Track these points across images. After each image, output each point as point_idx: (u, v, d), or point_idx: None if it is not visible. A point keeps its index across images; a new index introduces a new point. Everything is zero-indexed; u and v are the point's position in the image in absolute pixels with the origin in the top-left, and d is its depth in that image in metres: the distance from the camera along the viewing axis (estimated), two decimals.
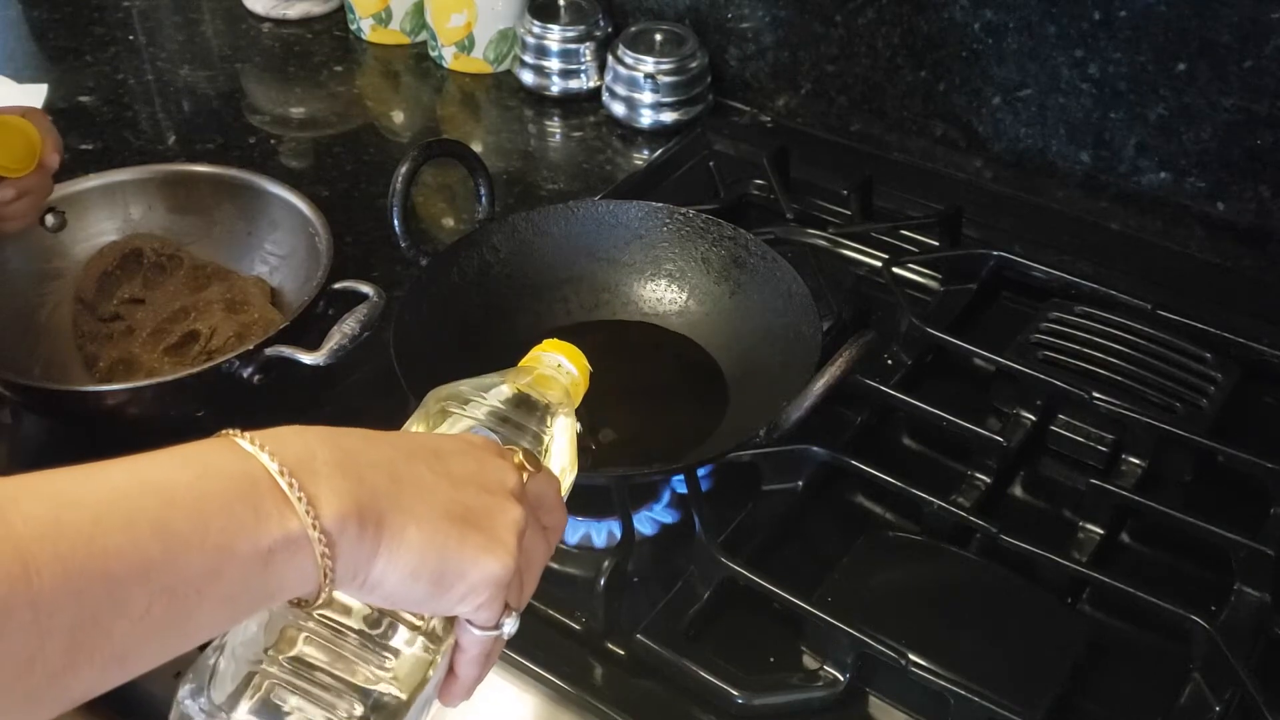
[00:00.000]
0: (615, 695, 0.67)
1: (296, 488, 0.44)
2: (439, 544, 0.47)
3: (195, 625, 0.44)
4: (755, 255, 0.86)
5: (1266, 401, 0.85)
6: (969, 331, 0.89)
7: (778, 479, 0.77)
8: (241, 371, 0.80)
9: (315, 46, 1.31)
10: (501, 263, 0.87)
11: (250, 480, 0.45)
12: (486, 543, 0.49)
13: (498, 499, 0.50)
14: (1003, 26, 1.00)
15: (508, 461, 0.52)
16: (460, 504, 0.49)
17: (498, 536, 0.49)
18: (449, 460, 0.50)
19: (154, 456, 0.46)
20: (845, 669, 0.67)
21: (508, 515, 0.50)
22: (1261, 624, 0.70)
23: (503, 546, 0.49)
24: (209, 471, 0.45)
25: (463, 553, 0.48)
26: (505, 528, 0.50)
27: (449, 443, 0.52)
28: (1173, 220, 1.01)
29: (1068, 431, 0.82)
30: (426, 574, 0.48)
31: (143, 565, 0.42)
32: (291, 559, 0.44)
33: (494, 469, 0.51)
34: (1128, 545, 0.77)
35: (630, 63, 1.13)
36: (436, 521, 0.48)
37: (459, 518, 0.48)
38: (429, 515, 0.48)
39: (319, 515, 0.44)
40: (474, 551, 0.48)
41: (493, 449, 0.53)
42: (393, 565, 0.47)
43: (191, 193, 0.96)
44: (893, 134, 1.11)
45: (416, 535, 0.47)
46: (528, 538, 0.51)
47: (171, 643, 0.44)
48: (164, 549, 0.42)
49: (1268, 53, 0.90)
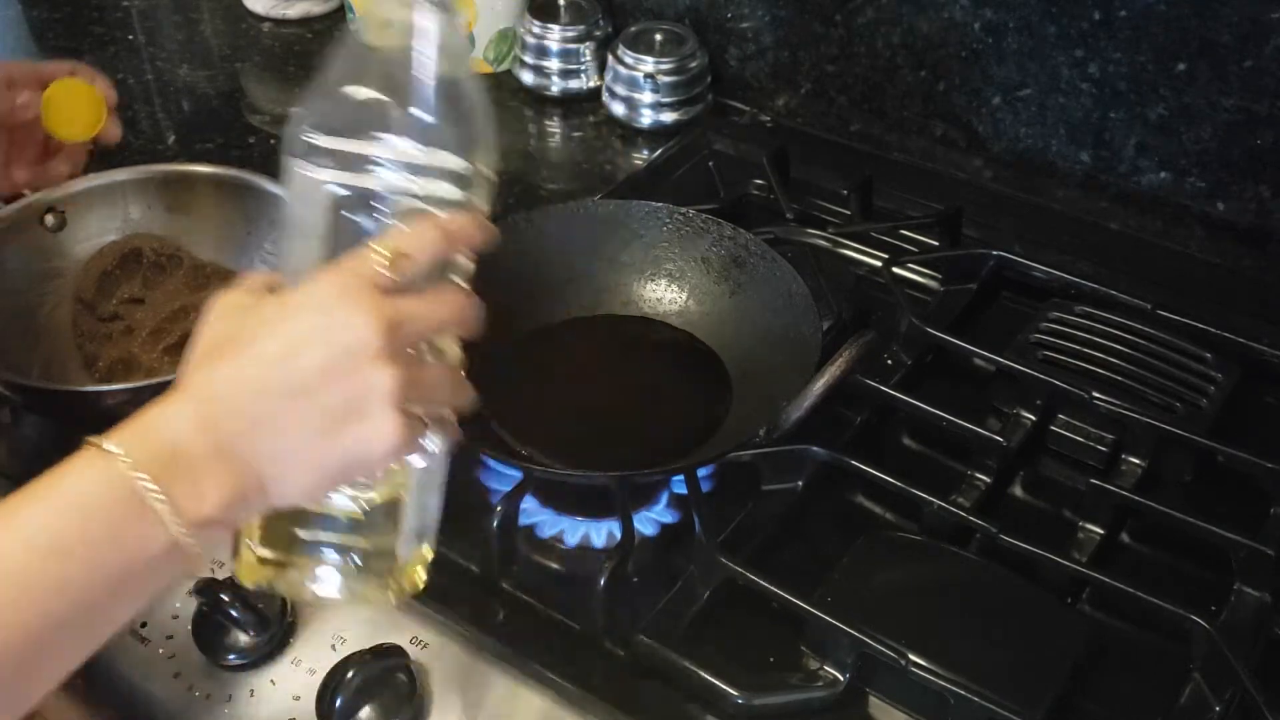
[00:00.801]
0: (615, 695, 0.67)
1: (158, 495, 0.47)
2: (325, 465, 0.51)
3: (112, 623, 0.49)
4: (755, 255, 0.86)
5: (1266, 401, 0.85)
6: (969, 331, 0.89)
7: (778, 479, 0.77)
8: None
9: (315, 46, 1.31)
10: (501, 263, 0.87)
11: (124, 497, 0.47)
12: (368, 433, 0.50)
13: (361, 377, 0.50)
14: (1003, 26, 1.00)
15: (359, 308, 0.50)
16: (329, 413, 0.50)
17: (374, 419, 0.50)
18: (302, 360, 0.50)
19: (32, 509, 0.48)
20: (845, 669, 0.67)
21: (376, 391, 0.50)
22: (1261, 624, 0.70)
23: (384, 423, 0.50)
24: (88, 509, 0.47)
25: (352, 454, 0.51)
26: (379, 404, 0.50)
27: (298, 330, 0.51)
28: (1173, 220, 1.01)
29: (1068, 431, 0.82)
30: (329, 484, 0.52)
31: (57, 622, 0.46)
32: (184, 553, 0.48)
33: (345, 338, 0.50)
34: (1128, 545, 0.77)
35: (630, 63, 1.13)
36: (314, 448, 0.50)
37: (332, 429, 0.50)
38: (305, 448, 0.50)
39: (184, 518, 0.48)
40: (360, 447, 0.51)
41: (341, 298, 0.51)
42: (293, 498, 0.52)
43: (191, 192, 0.96)
44: (893, 134, 1.11)
45: (300, 473, 0.50)
46: (411, 375, 0.51)
47: (92, 647, 0.49)
48: (70, 603, 0.46)
49: (1268, 53, 0.90)
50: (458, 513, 0.77)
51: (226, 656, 0.70)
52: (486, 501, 0.77)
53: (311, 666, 0.69)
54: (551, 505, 0.76)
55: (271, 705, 0.69)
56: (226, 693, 0.70)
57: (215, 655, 0.70)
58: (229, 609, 0.68)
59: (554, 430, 0.81)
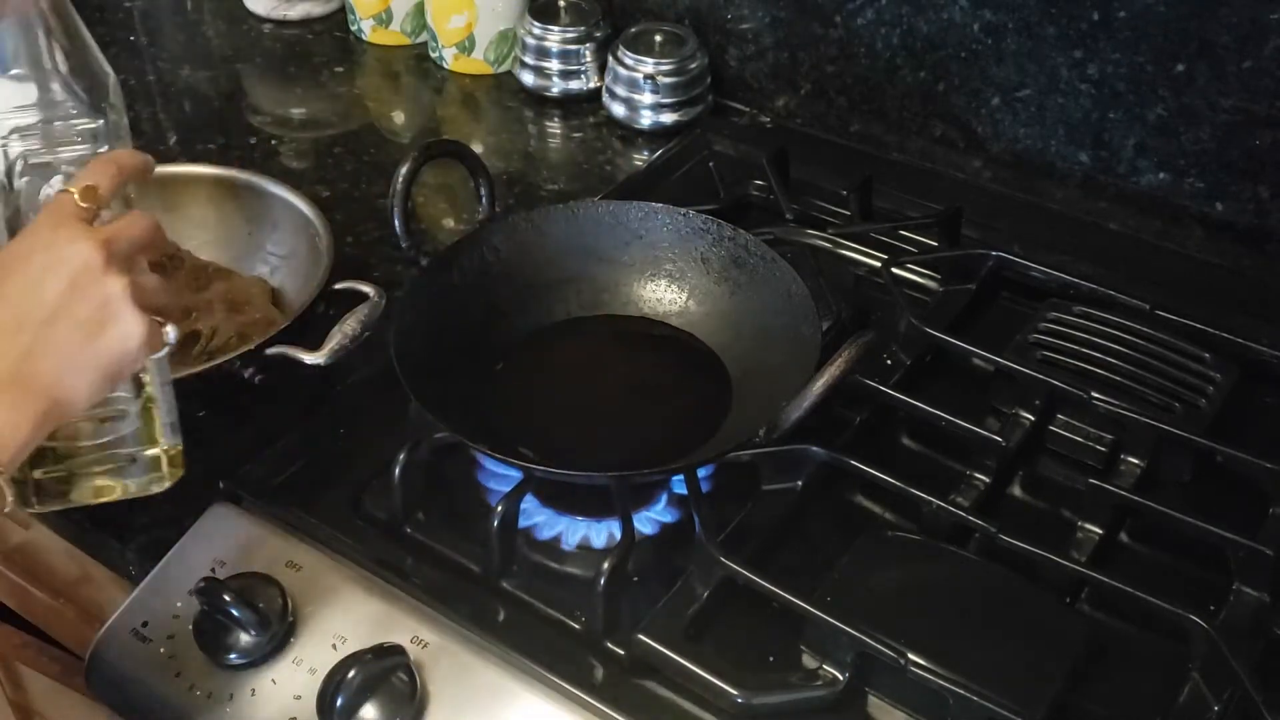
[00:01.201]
0: (615, 695, 0.67)
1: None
2: (98, 367, 0.60)
3: None
4: (755, 255, 0.86)
5: (1265, 401, 0.86)
6: (968, 331, 0.89)
7: (777, 479, 0.77)
8: (242, 371, 0.80)
9: (316, 47, 1.31)
10: (501, 263, 0.87)
11: None
12: (121, 331, 0.60)
13: (98, 289, 0.60)
14: (1002, 27, 1.01)
15: (75, 236, 0.60)
16: (85, 326, 0.60)
17: (123, 320, 0.60)
18: (47, 292, 0.59)
19: None
20: (845, 668, 0.67)
21: (114, 298, 0.60)
22: (1260, 624, 0.70)
23: (131, 321, 0.61)
24: None
25: (116, 352, 0.61)
26: (121, 307, 0.60)
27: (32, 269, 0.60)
28: (1171, 220, 1.01)
29: (1067, 431, 0.82)
30: (106, 384, 0.62)
31: None
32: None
33: (73, 263, 0.60)
34: (1127, 545, 0.77)
35: (630, 64, 1.13)
36: (84, 357, 0.60)
37: (93, 337, 0.60)
38: (77, 359, 0.59)
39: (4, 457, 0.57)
40: (120, 344, 0.61)
41: (57, 233, 0.60)
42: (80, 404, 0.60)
43: (193, 193, 0.96)
44: (892, 134, 1.11)
45: (80, 381, 0.60)
46: (135, 281, 0.61)
47: None
48: None
49: (1267, 53, 0.90)
50: (458, 512, 0.78)
51: (227, 656, 0.70)
52: (486, 501, 0.77)
53: (312, 666, 0.69)
54: (551, 505, 0.76)
55: (272, 705, 0.69)
56: (227, 692, 0.70)
57: (216, 655, 0.70)
58: (230, 609, 0.68)
59: (554, 430, 0.81)
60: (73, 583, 0.96)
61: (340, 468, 0.80)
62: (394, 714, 0.65)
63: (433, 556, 0.74)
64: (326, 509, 0.76)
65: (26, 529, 0.95)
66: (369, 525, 0.76)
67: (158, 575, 0.75)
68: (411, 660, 0.67)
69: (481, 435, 0.73)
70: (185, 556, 0.75)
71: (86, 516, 0.80)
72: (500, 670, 0.68)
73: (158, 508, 0.80)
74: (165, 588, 0.74)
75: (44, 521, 0.85)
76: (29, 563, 0.99)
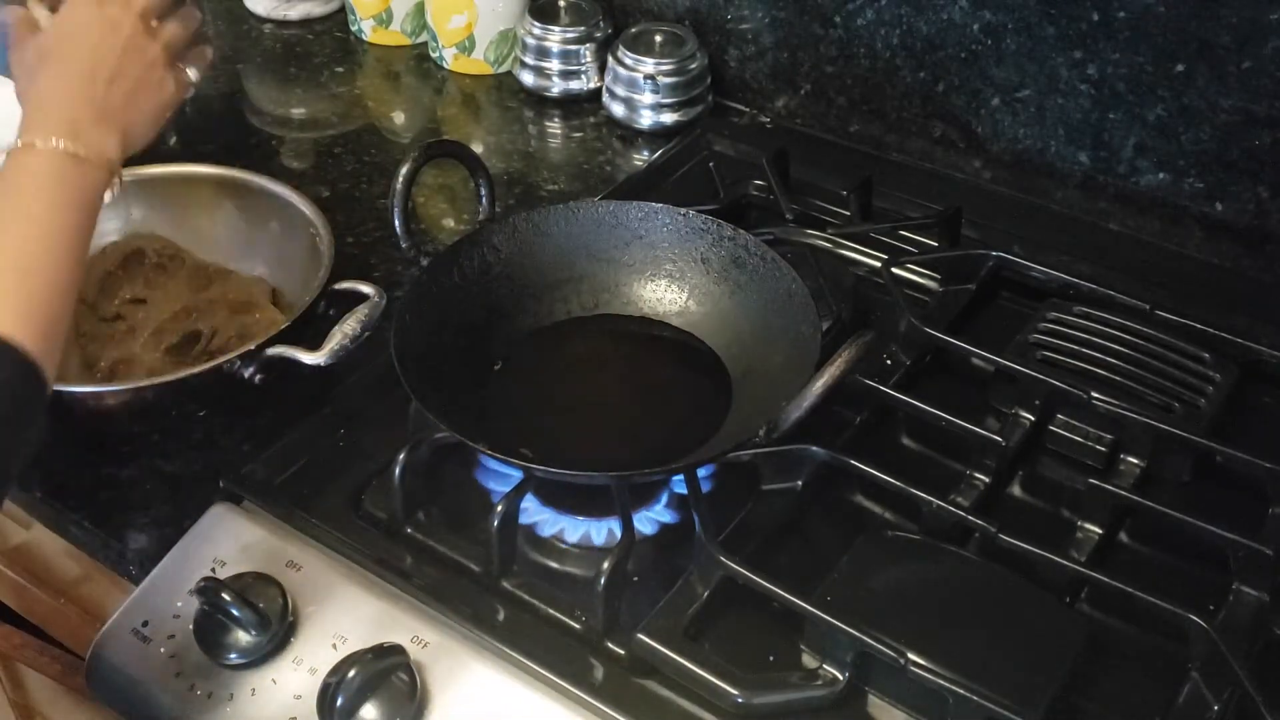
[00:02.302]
0: (615, 695, 0.67)
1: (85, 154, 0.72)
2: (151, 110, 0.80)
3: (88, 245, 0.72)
4: (755, 255, 0.86)
5: (1265, 401, 0.86)
6: (968, 332, 0.89)
7: (777, 479, 0.77)
8: (243, 372, 0.80)
9: (316, 47, 1.31)
10: (501, 263, 0.87)
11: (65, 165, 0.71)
12: (161, 87, 0.81)
13: (141, 56, 0.79)
14: (1001, 27, 1.01)
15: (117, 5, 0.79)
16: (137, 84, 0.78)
17: (161, 78, 0.81)
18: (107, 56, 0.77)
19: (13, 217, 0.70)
20: (844, 668, 0.67)
21: (155, 62, 0.80)
22: (1260, 624, 0.70)
23: (165, 79, 0.81)
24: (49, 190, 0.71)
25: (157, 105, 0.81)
26: (158, 68, 0.80)
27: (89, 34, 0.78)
28: (1171, 221, 1.01)
29: (1066, 431, 0.82)
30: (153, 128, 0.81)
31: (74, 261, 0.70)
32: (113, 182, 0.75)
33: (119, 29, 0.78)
34: (1126, 545, 0.77)
35: (630, 64, 1.13)
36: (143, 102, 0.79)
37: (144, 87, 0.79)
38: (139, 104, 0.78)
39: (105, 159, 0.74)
40: (160, 97, 0.81)
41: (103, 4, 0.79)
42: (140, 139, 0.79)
43: (193, 193, 0.96)
44: (892, 135, 1.11)
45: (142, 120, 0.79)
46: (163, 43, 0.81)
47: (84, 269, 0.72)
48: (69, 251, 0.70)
49: (1266, 54, 0.90)
50: (458, 512, 0.78)
51: (228, 655, 0.70)
52: (487, 501, 0.77)
53: (312, 665, 0.69)
54: (551, 504, 0.76)
55: (273, 704, 0.69)
56: (228, 691, 0.70)
57: (217, 654, 0.70)
58: (230, 608, 0.68)
59: (554, 430, 0.82)
60: (73, 583, 0.96)
61: (340, 468, 0.80)
62: (394, 714, 0.65)
63: (433, 556, 0.74)
64: (326, 509, 0.77)
65: (27, 529, 0.95)
66: (369, 525, 0.76)
67: (158, 575, 0.75)
68: (411, 660, 0.67)
69: (481, 435, 0.73)
70: (185, 556, 0.75)
71: (86, 516, 0.80)
72: (500, 670, 0.68)
73: (158, 508, 0.80)
74: (165, 588, 0.74)
75: (44, 521, 0.85)
76: (29, 563, 0.99)
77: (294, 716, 0.68)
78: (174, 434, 0.84)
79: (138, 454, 0.83)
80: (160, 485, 0.82)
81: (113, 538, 0.79)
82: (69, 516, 0.81)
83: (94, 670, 0.74)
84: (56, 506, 0.81)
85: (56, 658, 0.97)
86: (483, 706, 0.67)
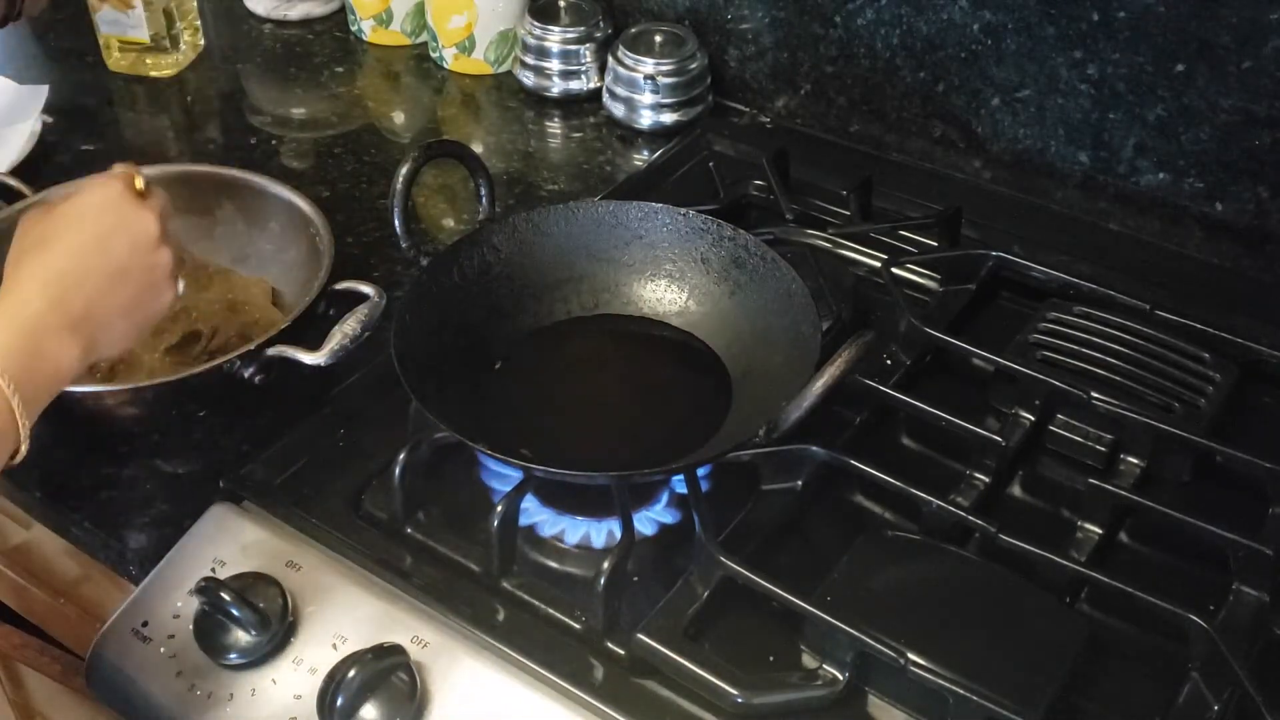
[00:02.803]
0: (615, 695, 0.67)
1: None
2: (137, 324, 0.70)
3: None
4: (755, 255, 0.86)
5: (1265, 401, 0.86)
6: (968, 332, 0.89)
7: (777, 479, 0.77)
8: (242, 372, 0.80)
9: (316, 47, 1.31)
10: (501, 263, 0.87)
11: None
12: (160, 297, 0.71)
13: (154, 257, 0.70)
14: (1001, 27, 1.01)
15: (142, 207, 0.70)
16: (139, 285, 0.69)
17: (163, 287, 0.71)
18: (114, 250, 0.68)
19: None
20: (844, 668, 0.67)
21: (163, 267, 0.71)
22: (1260, 624, 0.70)
23: (168, 288, 0.72)
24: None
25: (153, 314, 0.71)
26: (165, 276, 0.71)
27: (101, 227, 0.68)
28: (1171, 221, 1.01)
29: (1066, 431, 0.82)
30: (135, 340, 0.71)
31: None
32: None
33: (138, 230, 0.69)
34: (1126, 545, 0.77)
35: (630, 64, 1.13)
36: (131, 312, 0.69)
37: (140, 298, 0.69)
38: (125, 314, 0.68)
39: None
40: (157, 308, 0.71)
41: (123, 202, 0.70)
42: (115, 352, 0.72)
43: (193, 193, 0.96)
44: (892, 135, 1.11)
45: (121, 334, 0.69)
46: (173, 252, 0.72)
47: None
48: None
49: (1266, 54, 0.90)
50: (458, 512, 0.78)
51: (228, 655, 0.70)
52: (487, 501, 0.77)
53: (312, 665, 0.69)
54: (551, 505, 0.76)
55: (272, 704, 0.69)
56: (228, 692, 0.70)
57: (216, 654, 0.70)
58: (230, 608, 0.68)
59: (554, 430, 0.82)
60: (73, 583, 0.96)
61: (340, 468, 0.80)
62: (394, 714, 0.65)
63: (433, 556, 0.74)
64: (326, 509, 0.77)
65: (27, 529, 0.95)
66: (369, 525, 0.76)
67: (158, 575, 0.75)
68: (411, 660, 0.67)
69: (481, 435, 0.73)
70: (185, 556, 0.75)
71: (87, 516, 0.80)
72: (500, 670, 0.68)
73: (158, 508, 0.80)
74: (165, 587, 0.74)
75: (44, 521, 0.85)
76: (29, 563, 0.99)
77: (294, 716, 0.68)
78: (174, 434, 0.84)
79: (138, 454, 0.83)
80: (160, 485, 0.82)
81: (113, 538, 0.79)
82: (69, 516, 0.81)
83: (94, 670, 0.74)
84: (56, 506, 0.81)
85: (56, 658, 0.97)
86: (483, 706, 0.67)
